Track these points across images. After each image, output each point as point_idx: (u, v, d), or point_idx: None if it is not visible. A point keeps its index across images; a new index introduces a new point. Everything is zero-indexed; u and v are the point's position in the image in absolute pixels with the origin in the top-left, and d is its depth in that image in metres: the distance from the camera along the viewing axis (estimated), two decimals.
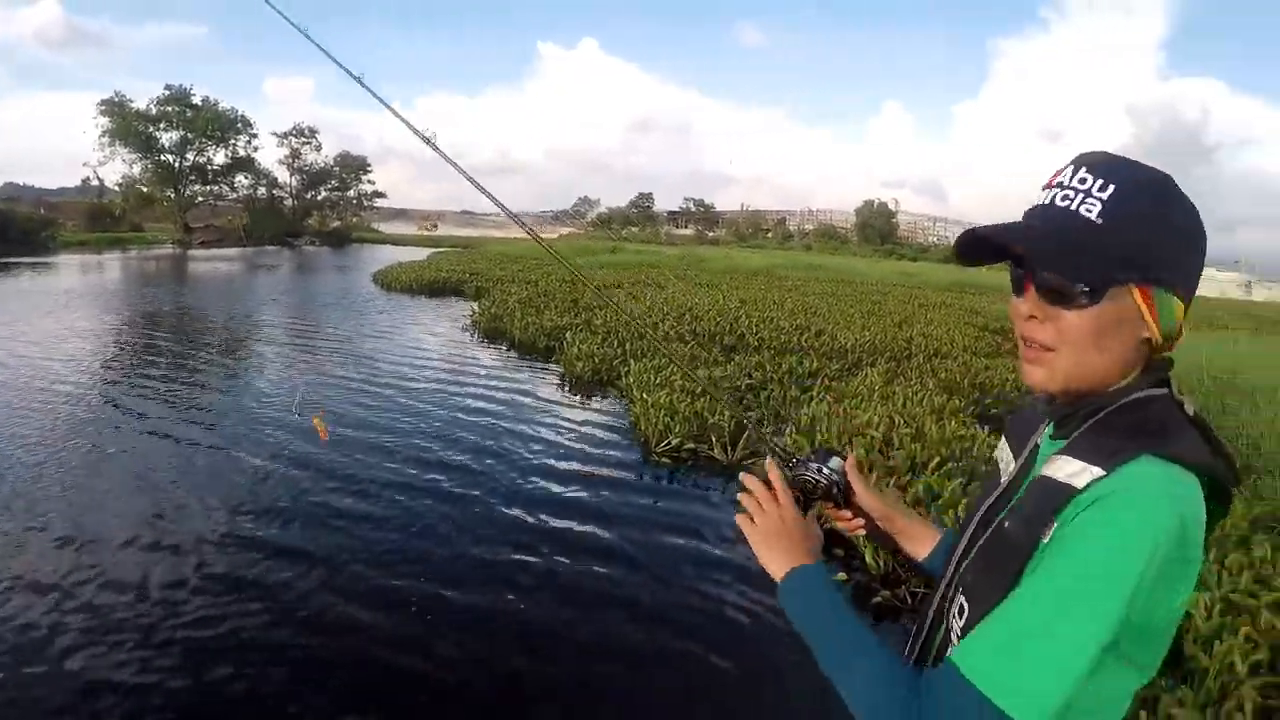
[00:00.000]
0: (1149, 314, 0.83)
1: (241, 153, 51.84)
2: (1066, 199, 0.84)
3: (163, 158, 48.25)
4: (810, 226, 67.79)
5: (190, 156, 49.28)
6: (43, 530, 4.64)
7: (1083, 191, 0.83)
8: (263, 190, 54.19)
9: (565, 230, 73.54)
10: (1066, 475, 0.82)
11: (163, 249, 40.06)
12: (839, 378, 8.93)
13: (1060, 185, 0.85)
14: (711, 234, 68.46)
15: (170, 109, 47.90)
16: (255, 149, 52.77)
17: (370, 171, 60.76)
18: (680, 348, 10.14)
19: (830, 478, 1.19)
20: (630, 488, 5.94)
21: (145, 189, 48.45)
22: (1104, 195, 0.81)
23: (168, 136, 48.33)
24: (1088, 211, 0.82)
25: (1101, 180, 0.82)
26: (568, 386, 9.40)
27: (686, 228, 72.74)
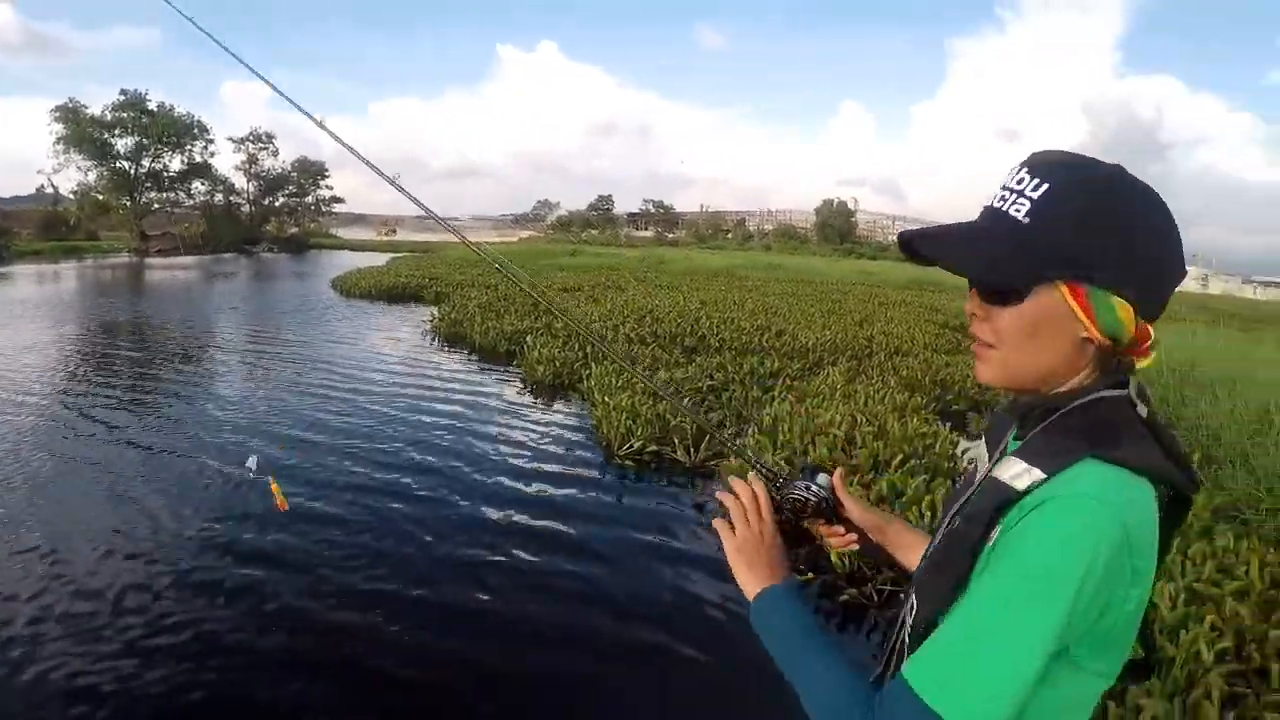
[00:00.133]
0: (1081, 313, 0.82)
1: (198, 159, 50.52)
2: (1003, 199, 0.85)
3: (118, 164, 46.83)
4: (770, 227, 68.07)
5: (146, 163, 47.90)
6: (10, 539, 4.62)
7: (1017, 192, 0.84)
8: (220, 197, 52.89)
9: (525, 233, 73.24)
10: (1010, 477, 0.82)
11: (119, 258, 39.14)
12: (800, 377, 8.98)
13: (1003, 186, 0.86)
14: (671, 235, 68.45)
15: (126, 115, 46.51)
16: (212, 154, 51.43)
17: (328, 176, 59.90)
18: (641, 350, 10.10)
19: (819, 494, 1.18)
20: (594, 490, 5.97)
21: (101, 196, 47.02)
22: (1035, 195, 0.82)
23: (123, 143, 46.98)
24: (1016, 211, 0.83)
25: (1038, 180, 0.82)
26: (530, 391, 9.32)
27: (646, 230, 72.61)
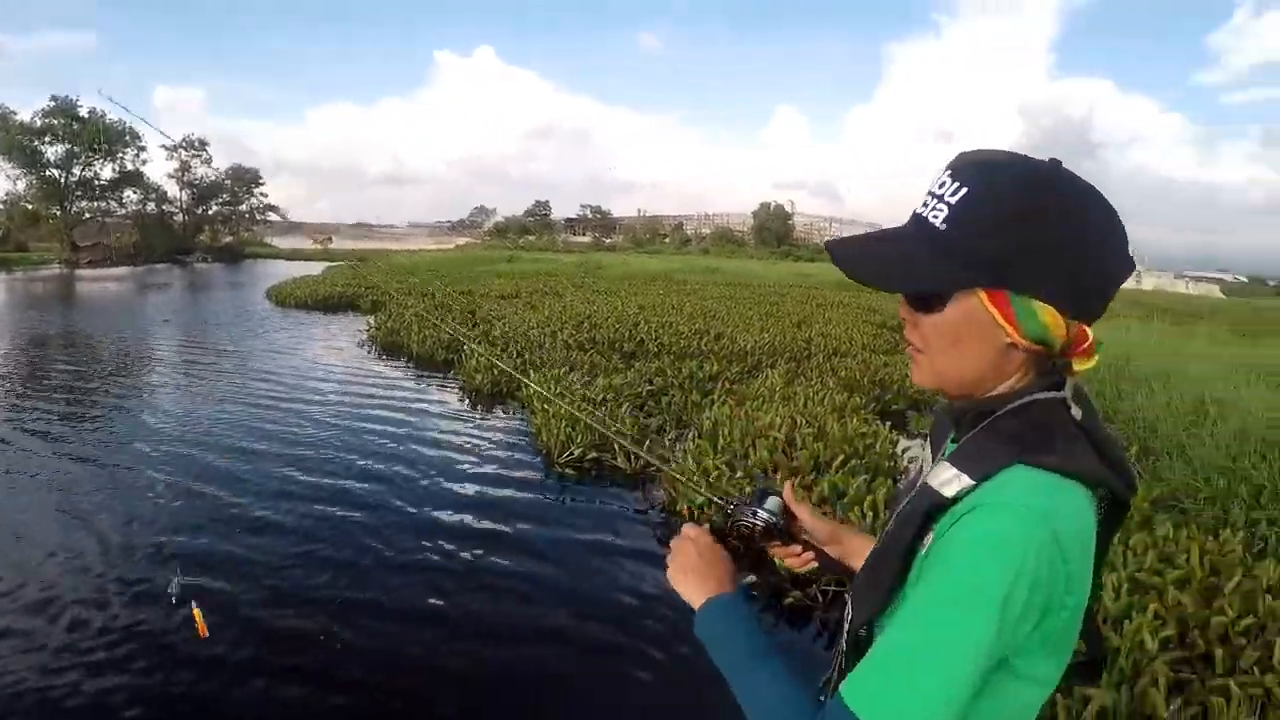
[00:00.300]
0: (1001, 319, 0.80)
1: (130, 166, 47.66)
2: (925, 205, 0.84)
3: (48, 173, 43.99)
4: (708, 230, 68.74)
5: (77, 171, 45.03)
6: None
7: (937, 197, 0.82)
8: (152, 206, 50.24)
9: (462, 240, 72.26)
10: (940, 483, 0.81)
11: (49, 269, 37.02)
12: (740, 380, 8.97)
13: (928, 191, 0.85)
14: (609, 240, 68.57)
15: (56, 121, 43.61)
16: (144, 162, 48.56)
17: (262, 184, 57.60)
18: (580, 356, 10.00)
19: (767, 519, 1.14)
20: (538, 494, 5.97)
21: (30, 206, 44.35)
22: (954, 200, 0.80)
23: (53, 150, 44.08)
24: (935, 218, 0.82)
25: (958, 184, 0.81)
26: (469, 399, 9.14)
27: (584, 235, 72.53)
